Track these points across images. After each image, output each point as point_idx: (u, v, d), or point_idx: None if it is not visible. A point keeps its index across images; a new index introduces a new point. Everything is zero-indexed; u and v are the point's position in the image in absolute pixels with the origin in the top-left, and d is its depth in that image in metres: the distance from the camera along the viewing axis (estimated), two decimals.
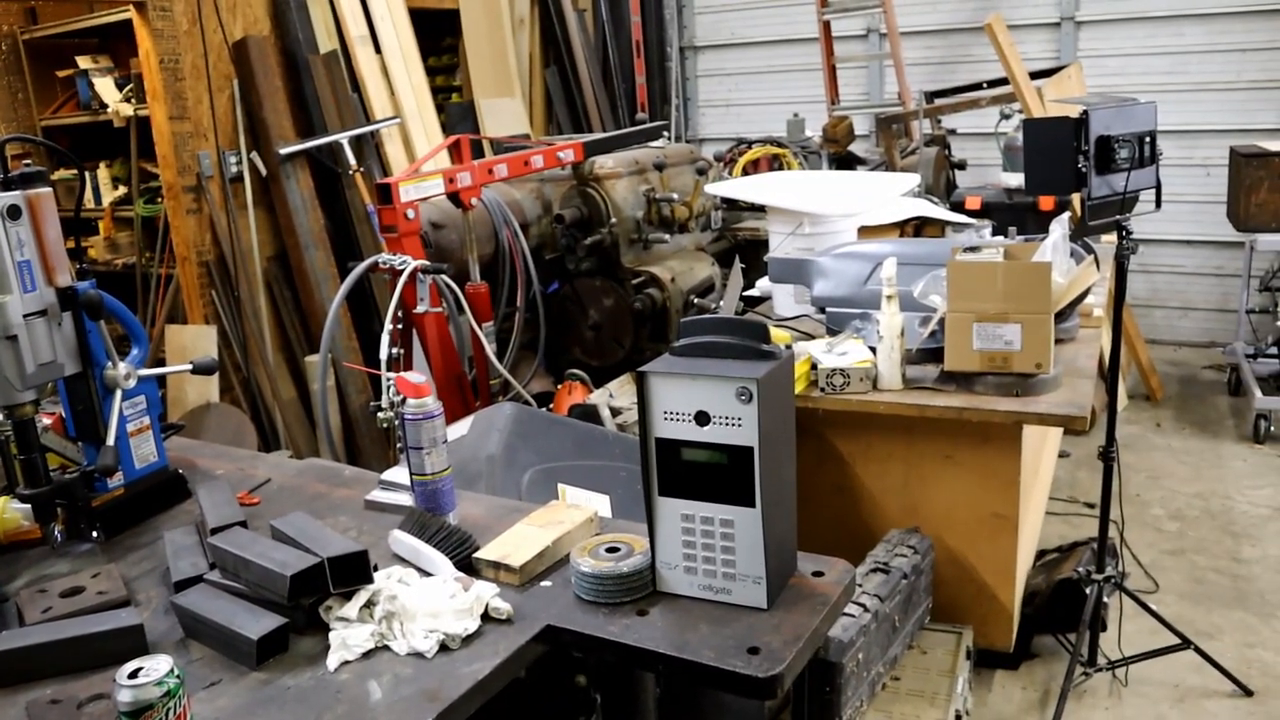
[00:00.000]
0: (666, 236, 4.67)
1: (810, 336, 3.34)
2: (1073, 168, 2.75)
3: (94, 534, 1.92)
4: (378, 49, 5.68)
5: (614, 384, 3.86)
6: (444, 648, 1.46)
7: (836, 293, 3.29)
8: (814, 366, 2.96)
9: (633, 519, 1.84)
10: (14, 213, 1.78)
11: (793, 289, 3.69)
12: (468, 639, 1.47)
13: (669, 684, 1.80)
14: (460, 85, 6.91)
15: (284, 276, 5.18)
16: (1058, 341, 2.89)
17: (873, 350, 2.98)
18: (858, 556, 2.67)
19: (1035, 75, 5.58)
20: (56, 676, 1.48)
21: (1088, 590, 3.06)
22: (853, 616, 2.38)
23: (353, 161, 5.19)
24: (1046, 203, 4.70)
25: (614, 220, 4.50)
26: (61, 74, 5.89)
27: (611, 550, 1.59)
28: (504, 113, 6.73)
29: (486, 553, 1.65)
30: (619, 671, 1.65)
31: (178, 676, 1.24)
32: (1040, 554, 3.73)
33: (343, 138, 5.18)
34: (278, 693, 1.40)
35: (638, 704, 1.70)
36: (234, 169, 5.01)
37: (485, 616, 1.52)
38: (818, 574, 1.64)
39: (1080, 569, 3.18)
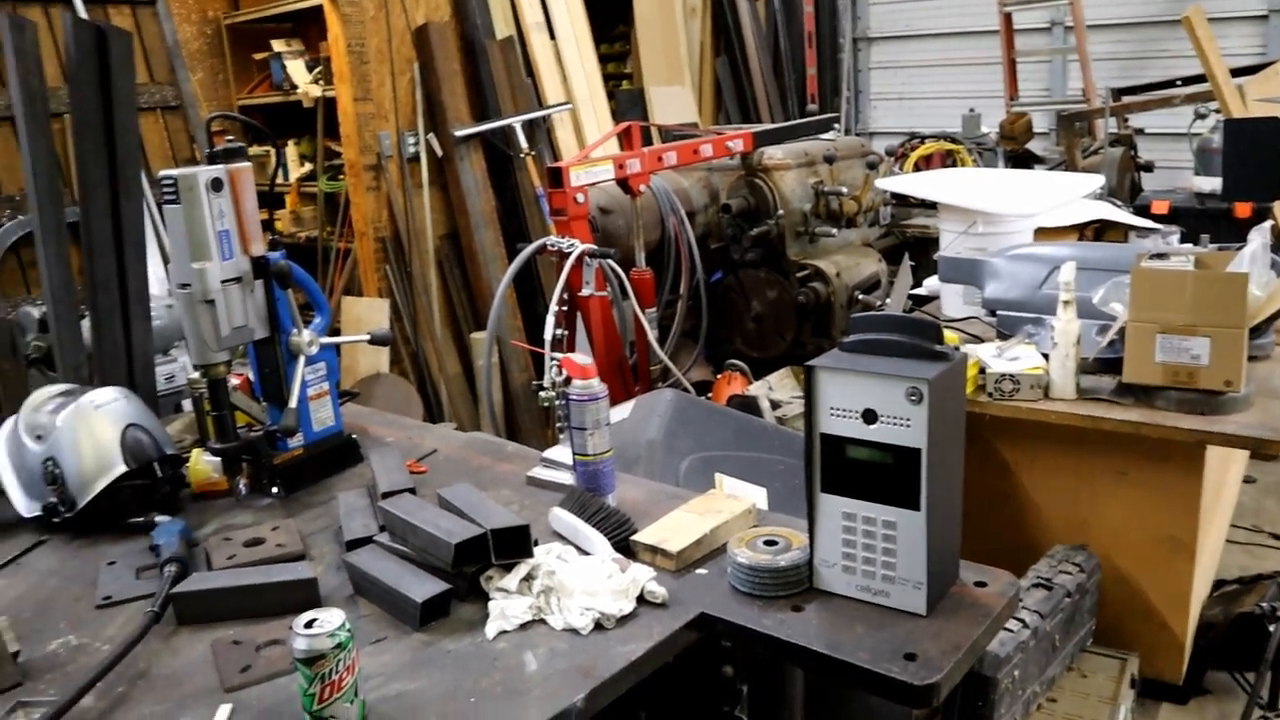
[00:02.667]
0: (834, 230, 4.60)
1: (979, 339, 3.23)
2: (1278, 172, 2.57)
3: (274, 490, 2.03)
4: (552, 35, 5.79)
5: (774, 377, 3.84)
6: (599, 626, 1.48)
7: (1009, 295, 3.17)
8: (982, 370, 2.86)
9: (788, 513, 1.82)
10: (217, 185, 1.89)
11: (962, 289, 3.58)
12: (622, 619, 1.49)
13: (817, 682, 1.78)
14: (631, 72, 6.97)
15: (454, 255, 5.35)
16: (1251, 358, 2.71)
17: (1045, 357, 2.86)
18: (1018, 569, 2.56)
19: (1237, 72, 5.24)
20: (237, 619, 1.57)
21: (1271, 628, 2.87)
22: (1011, 631, 2.30)
23: (524, 145, 5.30)
24: (1243, 209, 4.40)
25: (781, 212, 4.46)
26: (258, 57, 6.20)
27: (769, 543, 1.58)
28: (673, 101, 6.76)
29: (644, 536, 1.66)
30: (767, 665, 1.64)
31: (348, 631, 1.29)
32: (1218, 584, 3.51)
33: (515, 122, 5.30)
34: (438, 655, 1.45)
35: (785, 699, 1.69)
36: (411, 149, 5.19)
37: (640, 599, 1.53)
38: (980, 584, 1.58)
39: (1264, 604, 2.98)
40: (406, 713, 1.33)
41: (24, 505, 1.98)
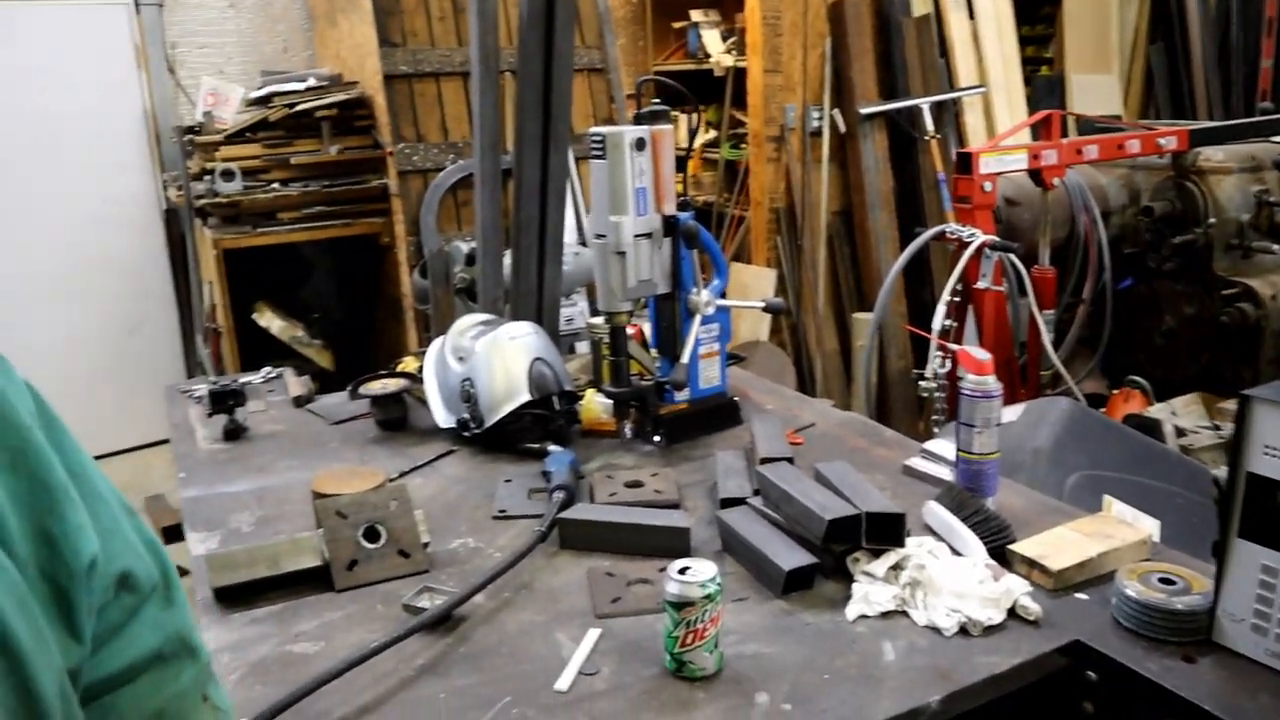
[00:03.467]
0: (1275, 247, 4.07)
1: None
2: None
3: (656, 438, 2.13)
4: (971, 15, 5.54)
5: (1179, 401, 3.48)
6: (963, 630, 1.42)
7: None
8: None
9: (1183, 552, 1.65)
10: (640, 145, 2.00)
11: None
12: (989, 629, 1.42)
13: None
14: (1051, 57, 6.53)
15: (845, 232, 5.32)
16: None
17: None
18: None
19: None
20: (612, 553, 1.67)
21: None
22: None
23: (930, 127, 5.15)
24: None
25: (1212, 220, 4.02)
26: (676, 25, 6.46)
27: (1166, 581, 1.44)
28: (1096, 90, 6.26)
29: (1023, 547, 1.57)
30: (1139, 712, 1.50)
31: (718, 584, 1.33)
32: None
33: (924, 103, 5.15)
34: (796, 625, 1.46)
35: None
36: (815, 123, 5.21)
37: (1011, 612, 1.45)
38: None
39: None
40: (761, 674, 1.35)
41: (442, 417, 2.22)
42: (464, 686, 1.35)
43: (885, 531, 1.52)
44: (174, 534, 4.60)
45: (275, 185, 4.60)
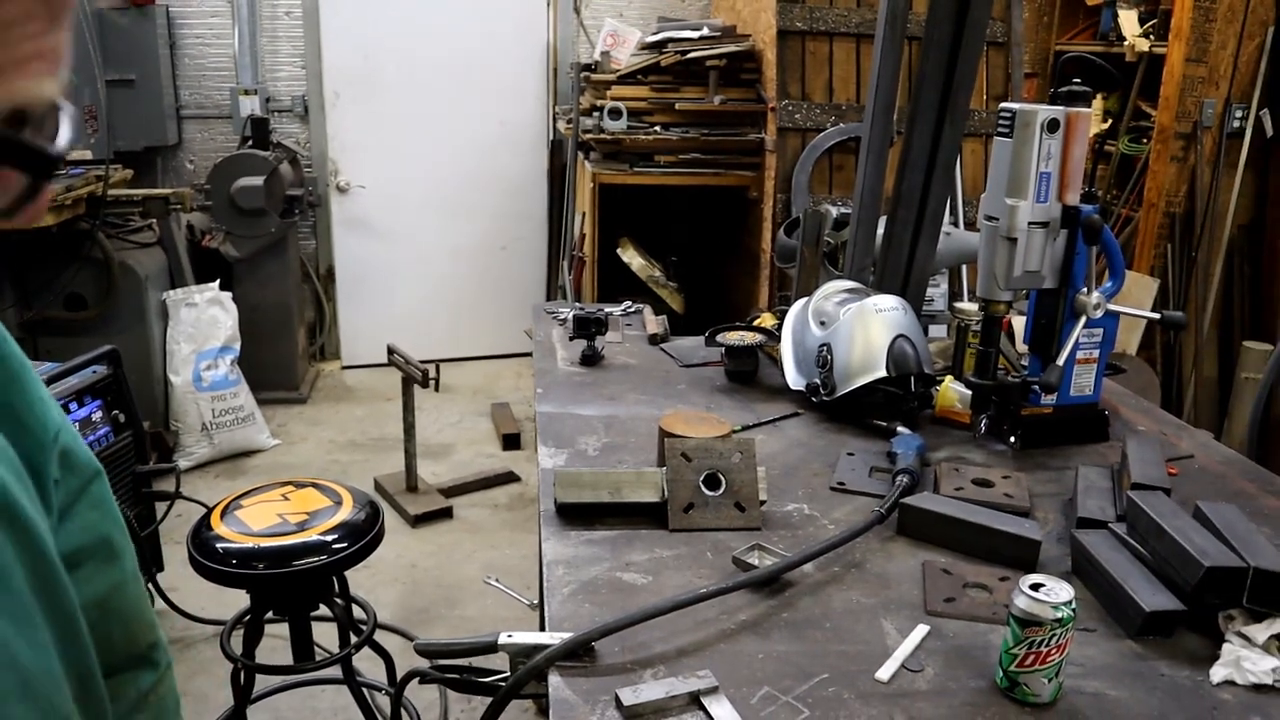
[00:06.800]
0: None
1: None
2: None
3: (1012, 439, 2.00)
4: None
5: None
6: None
7: None
8: None
9: None
10: (1053, 126, 1.86)
11: None
12: None
13: None
14: None
15: (1249, 249, 4.74)
16: None
17: None
18: None
19: None
20: (951, 550, 1.60)
21: None
22: None
23: None
24: None
25: None
26: (1090, 2, 5.99)
27: None
28: None
29: None
30: None
31: (1073, 609, 1.23)
32: None
33: None
34: (1148, 672, 1.32)
35: None
36: (1236, 124, 4.66)
37: None
38: None
39: None
40: (1100, 717, 1.24)
41: (793, 378, 2.22)
42: (783, 653, 1.34)
43: (1274, 594, 1.34)
44: (512, 442, 4.98)
45: (657, 128, 4.76)
